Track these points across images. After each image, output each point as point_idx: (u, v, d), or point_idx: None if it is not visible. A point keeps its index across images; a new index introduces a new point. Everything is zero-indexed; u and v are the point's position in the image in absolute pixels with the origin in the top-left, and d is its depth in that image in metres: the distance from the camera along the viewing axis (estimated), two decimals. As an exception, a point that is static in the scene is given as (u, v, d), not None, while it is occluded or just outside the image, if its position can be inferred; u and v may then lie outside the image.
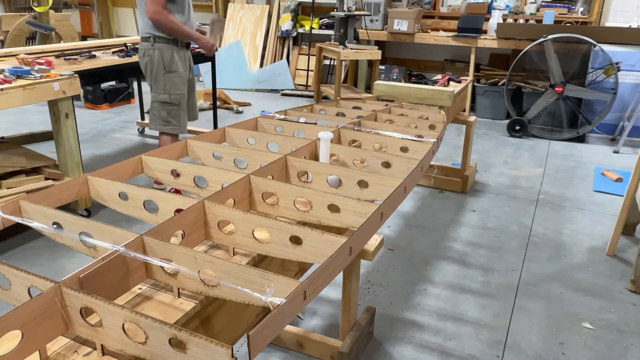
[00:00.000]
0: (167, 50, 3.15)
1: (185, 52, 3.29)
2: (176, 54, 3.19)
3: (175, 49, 3.18)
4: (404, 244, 3.03)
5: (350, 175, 1.61)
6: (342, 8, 5.41)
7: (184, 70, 3.28)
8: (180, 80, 3.24)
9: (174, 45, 3.17)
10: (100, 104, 5.97)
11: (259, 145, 1.96)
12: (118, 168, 1.59)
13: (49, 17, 5.49)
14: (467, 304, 2.48)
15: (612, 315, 2.41)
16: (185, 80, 3.29)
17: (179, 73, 3.23)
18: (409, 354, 2.14)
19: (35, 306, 0.96)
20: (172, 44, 3.16)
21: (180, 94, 3.24)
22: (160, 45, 3.14)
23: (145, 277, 1.20)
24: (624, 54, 5.01)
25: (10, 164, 3.02)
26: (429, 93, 3.07)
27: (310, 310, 2.37)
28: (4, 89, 2.63)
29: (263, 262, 1.43)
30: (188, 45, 3.30)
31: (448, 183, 3.84)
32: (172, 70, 3.18)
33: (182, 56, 3.25)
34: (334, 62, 6.39)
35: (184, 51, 3.29)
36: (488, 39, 5.74)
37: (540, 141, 5.17)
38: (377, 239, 1.82)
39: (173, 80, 3.20)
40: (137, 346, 0.94)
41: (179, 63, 3.20)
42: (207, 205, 1.34)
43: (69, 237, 1.26)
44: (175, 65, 3.18)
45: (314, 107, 2.52)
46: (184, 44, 3.25)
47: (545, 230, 3.24)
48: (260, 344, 0.91)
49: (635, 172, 2.78)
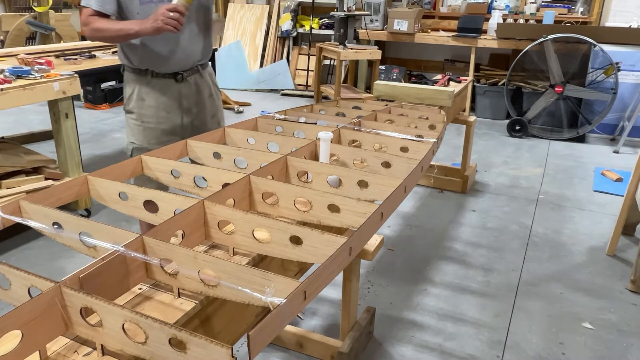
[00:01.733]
0: (129, 82, 2.17)
1: (173, 86, 2.13)
2: (142, 88, 2.13)
3: (141, 80, 2.13)
4: (404, 244, 3.03)
5: (350, 175, 1.61)
6: (342, 8, 5.41)
7: (157, 113, 2.14)
8: (141, 127, 2.14)
9: (141, 76, 2.12)
10: (100, 104, 5.97)
11: (259, 145, 1.96)
12: (118, 168, 1.59)
13: (49, 17, 5.50)
14: (467, 304, 2.48)
15: (612, 315, 2.41)
16: (158, 131, 2.15)
17: (140, 116, 2.14)
18: (409, 354, 2.14)
19: (35, 306, 0.96)
20: (138, 74, 2.13)
21: (135, 147, 2.16)
22: (126, 74, 2.20)
23: (145, 277, 1.20)
24: (624, 54, 5.01)
25: (10, 164, 3.02)
26: (429, 93, 3.07)
27: (310, 310, 2.37)
28: (4, 89, 2.63)
29: (263, 262, 1.43)
30: (177, 74, 2.13)
31: (448, 183, 3.84)
32: (129, 110, 2.18)
33: (157, 92, 2.12)
34: (334, 62, 6.39)
35: (171, 85, 2.13)
36: (488, 39, 5.74)
37: (540, 141, 5.17)
38: (377, 239, 1.82)
39: (129, 124, 2.19)
40: (137, 346, 0.94)
41: (145, 102, 2.13)
42: (207, 205, 1.34)
43: (69, 237, 1.26)
44: (135, 105, 2.15)
45: (314, 107, 2.52)
46: (165, 72, 2.11)
47: (545, 230, 3.24)
48: (260, 344, 0.91)
49: (635, 172, 2.78)
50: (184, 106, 2.18)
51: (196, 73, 2.20)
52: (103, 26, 1.98)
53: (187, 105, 2.19)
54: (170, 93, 2.14)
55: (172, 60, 2.10)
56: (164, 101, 2.14)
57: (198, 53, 2.17)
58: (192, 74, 2.18)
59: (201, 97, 2.23)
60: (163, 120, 2.15)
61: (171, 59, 2.09)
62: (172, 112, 2.16)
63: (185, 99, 2.18)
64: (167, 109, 2.15)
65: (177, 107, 2.17)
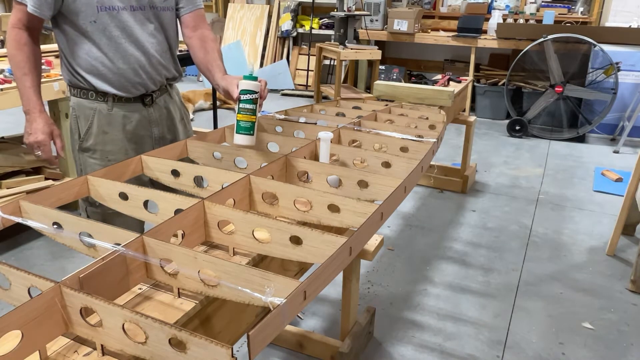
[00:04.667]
0: (83, 111, 1.75)
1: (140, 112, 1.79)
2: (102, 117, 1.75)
3: (99, 106, 1.74)
4: (404, 244, 3.03)
5: (350, 175, 1.60)
6: (342, 8, 5.41)
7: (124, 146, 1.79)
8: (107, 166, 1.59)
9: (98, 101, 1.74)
10: (100, 104, 5.96)
11: (259, 145, 1.96)
12: (118, 168, 1.59)
13: (49, 17, 5.48)
14: (467, 304, 2.48)
15: (612, 315, 2.41)
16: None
17: (104, 153, 1.78)
18: (409, 354, 2.14)
19: (35, 306, 0.96)
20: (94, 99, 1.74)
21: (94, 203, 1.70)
22: (74, 100, 1.77)
23: (145, 277, 1.20)
24: (624, 54, 5.01)
25: (10, 164, 3.02)
26: (429, 93, 3.07)
27: (310, 310, 2.37)
28: (4, 89, 2.63)
29: (263, 262, 1.43)
30: (147, 97, 1.80)
31: (448, 183, 3.84)
32: (87, 148, 1.77)
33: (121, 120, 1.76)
34: (334, 62, 6.39)
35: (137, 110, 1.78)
36: (488, 39, 5.74)
37: (540, 141, 5.17)
38: (377, 239, 1.82)
39: (90, 165, 1.79)
40: (137, 346, 0.94)
41: (108, 135, 1.76)
42: (207, 205, 1.34)
43: (69, 237, 1.26)
44: (95, 140, 1.76)
45: (314, 107, 2.52)
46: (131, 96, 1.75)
47: (545, 230, 3.24)
48: (260, 344, 0.91)
49: (635, 172, 2.78)
50: (155, 135, 1.84)
51: (165, 93, 1.87)
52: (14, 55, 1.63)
53: (158, 133, 1.85)
54: (138, 120, 1.79)
55: (139, 77, 1.74)
56: (130, 131, 1.78)
57: (170, 65, 1.84)
58: (161, 94, 1.85)
59: (173, 122, 1.91)
60: (133, 154, 1.76)
61: (139, 75, 1.74)
62: (141, 143, 1.81)
63: (156, 125, 1.84)
64: (136, 139, 1.80)
65: (148, 137, 1.83)
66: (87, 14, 1.62)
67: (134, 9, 1.68)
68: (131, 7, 1.67)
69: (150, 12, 1.72)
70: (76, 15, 1.62)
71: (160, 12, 1.75)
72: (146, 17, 1.72)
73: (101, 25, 1.64)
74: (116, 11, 1.65)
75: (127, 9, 1.66)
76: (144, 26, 1.71)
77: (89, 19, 1.62)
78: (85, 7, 1.61)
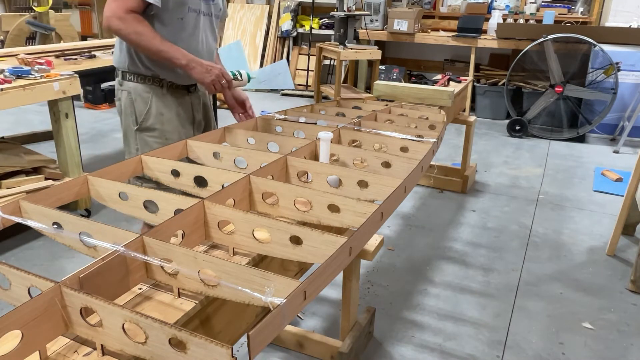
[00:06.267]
0: (140, 94, 1.97)
1: (185, 98, 2.06)
2: (159, 100, 1.97)
3: (156, 91, 1.97)
4: (404, 244, 3.03)
5: (350, 175, 1.61)
6: (342, 8, 5.41)
7: (178, 126, 2.02)
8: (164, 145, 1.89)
9: (155, 86, 1.96)
10: (100, 104, 5.97)
11: (259, 145, 1.96)
12: (118, 168, 1.59)
13: (49, 17, 5.49)
14: (467, 304, 2.48)
15: (612, 315, 2.41)
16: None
17: (163, 132, 1.99)
18: (409, 354, 2.14)
19: (35, 306, 0.96)
20: (151, 84, 1.96)
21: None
22: (131, 85, 1.97)
23: (145, 277, 1.20)
24: (624, 54, 5.01)
25: (10, 164, 3.02)
26: (429, 93, 3.07)
27: (310, 310, 2.37)
28: (4, 89, 2.63)
29: (263, 262, 1.43)
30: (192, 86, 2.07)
31: (448, 183, 3.84)
32: (148, 128, 1.99)
33: (174, 103, 2.00)
34: (334, 62, 6.39)
35: (184, 96, 2.04)
36: (488, 39, 5.74)
37: (540, 141, 5.17)
38: (377, 239, 1.82)
39: (149, 144, 1.99)
40: (137, 346, 0.94)
41: (165, 116, 1.99)
42: (207, 205, 1.34)
43: (69, 237, 1.26)
44: (155, 120, 1.98)
45: (314, 107, 2.52)
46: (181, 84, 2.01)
47: (545, 230, 3.24)
48: (260, 344, 0.91)
49: (635, 172, 2.78)
50: (196, 119, 2.12)
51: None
52: (144, 31, 1.77)
53: (198, 117, 2.13)
54: (184, 105, 2.05)
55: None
56: (181, 114, 2.04)
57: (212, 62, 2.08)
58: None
59: (207, 109, 2.21)
60: (183, 135, 2.01)
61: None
62: (186, 125, 2.07)
63: (196, 111, 2.12)
64: (183, 122, 2.05)
65: (190, 121, 2.09)
66: (178, 11, 1.87)
67: (205, 15, 1.99)
68: (206, 13, 1.99)
69: (214, 19, 2.06)
70: (168, 11, 1.85)
71: (215, 20, 2.07)
72: (210, 22, 2.04)
73: (186, 23, 1.90)
74: (198, 14, 1.94)
75: (203, 14, 1.97)
76: (209, 29, 2.05)
77: (178, 16, 1.88)
78: (179, 5, 1.87)
